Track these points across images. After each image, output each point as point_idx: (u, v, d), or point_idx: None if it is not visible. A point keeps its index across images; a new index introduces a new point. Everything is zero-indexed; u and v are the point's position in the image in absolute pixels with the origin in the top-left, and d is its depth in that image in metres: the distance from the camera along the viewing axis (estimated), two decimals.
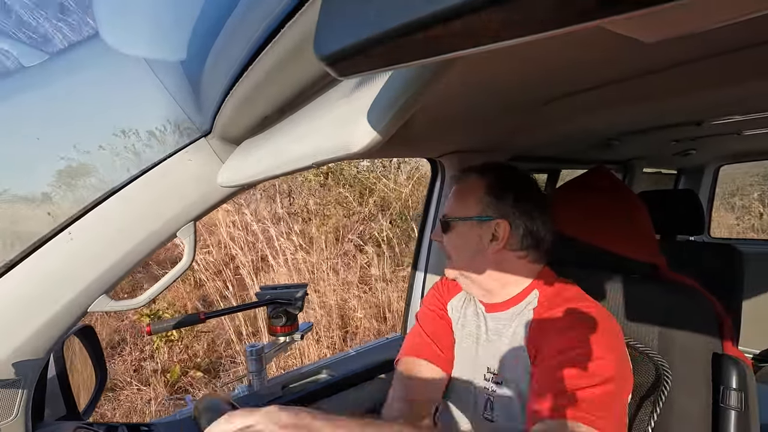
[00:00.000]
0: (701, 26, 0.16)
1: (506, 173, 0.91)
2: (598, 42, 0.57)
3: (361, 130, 0.39)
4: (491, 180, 0.89)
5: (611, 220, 1.05)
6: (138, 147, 0.69)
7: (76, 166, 0.67)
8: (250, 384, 1.26)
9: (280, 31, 0.37)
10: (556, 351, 0.74)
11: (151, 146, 0.70)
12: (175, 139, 0.72)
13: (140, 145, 0.70)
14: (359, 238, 4.78)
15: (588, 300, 0.84)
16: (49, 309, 0.67)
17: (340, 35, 0.23)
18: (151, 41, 0.67)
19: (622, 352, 0.77)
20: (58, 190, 0.67)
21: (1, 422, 0.67)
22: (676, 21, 0.16)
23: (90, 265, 0.69)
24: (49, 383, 0.79)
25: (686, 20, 0.16)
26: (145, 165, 0.70)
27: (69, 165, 0.67)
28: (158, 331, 1.07)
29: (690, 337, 0.86)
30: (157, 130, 0.71)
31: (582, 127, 1.22)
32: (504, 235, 0.85)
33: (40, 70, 0.65)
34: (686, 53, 0.64)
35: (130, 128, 0.69)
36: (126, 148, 0.69)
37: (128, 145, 0.69)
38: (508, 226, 0.85)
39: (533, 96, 0.86)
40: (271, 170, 0.58)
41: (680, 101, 0.96)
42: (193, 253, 0.78)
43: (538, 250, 0.88)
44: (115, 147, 0.68)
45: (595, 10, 0.14)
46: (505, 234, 0.85)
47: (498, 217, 0.85)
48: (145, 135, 0.70)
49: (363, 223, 4.97)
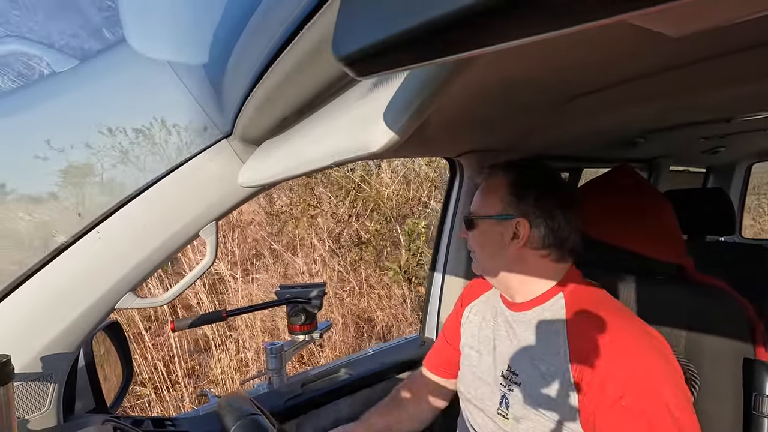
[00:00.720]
0: (729, 19, 0.16)
1: (530, 171, 0.90)
2: (621, 38, 0.55)
3: (379, 131, 0.39)
4: (513, 178, 0.88)
5: (635, 220, 1.02)
6: (163, 149, 0.71)
7: (101, 167, 0.70)
8: (270, 382, 1.28)
9: (299, 33, 0.37)
10: (617, 396, 0.70)
11: (175, 148, 0.72)
12: (198, 140, 0.74)
13: (165, 147, 0.72)
14: (337, 240, 4.63)
15: (626, 311, 0.81)
16: (80, 305, 0.70)
17: (358, 36, 0.23)
18: (175, 46, 0.69)
19: (675, 368, 0.74)
20: (84, 190, 0.69)
21: (35, 414, 0.70)
22: (703, 14, 0.16)
23: (117, 263, 0.71)
24: (79, 378, 0.82)
25: (713, 13, 0.15)
26: (169, 166, 0.73)
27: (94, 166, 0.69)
28: (181, 328, 1.10)
29: (719, 341, 0.83)
30: (181, 131, 0.72)
31: (605, 125, 1.20)
32: (524, 234, 0.84)
33: (70, 75, 0.68)
34: (714, 47, 0.62)
35: (154, 131, 0.71)
36: (151, 150, 0.71)
37: (153, 147, 0.71)
38: (528, 225, 0.84)
39: (554, 94, 0.84)
40: (291, 170, 0.59)
41: (709, 97, 0.92)
42: (215, 252, 0.79)
43: (561, 249, 0.86)
44: (140, 149, 0.70)
45: (621, 4, 0.14)
46: (525, 233, 0.84)
47: (518, 216, 0.85)
48: (169, 137, 0.72)
49: (341, 225, 4.82)
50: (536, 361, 0.82)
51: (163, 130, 0.71)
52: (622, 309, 0.82)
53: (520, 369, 0.85)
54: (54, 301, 0.68)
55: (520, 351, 0.87)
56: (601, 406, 0.71)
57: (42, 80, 0.68)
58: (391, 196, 4.84)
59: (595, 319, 0.78)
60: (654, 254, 0.99)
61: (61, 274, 0.69)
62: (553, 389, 0.78)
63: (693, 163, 2.61)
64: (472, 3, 0.16)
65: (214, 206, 0.76)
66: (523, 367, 0.85)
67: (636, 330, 0.76)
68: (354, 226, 4.82)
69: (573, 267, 0.90)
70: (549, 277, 0.87)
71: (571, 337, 0.79)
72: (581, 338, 0.77)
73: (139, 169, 0.71)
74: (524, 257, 0.86)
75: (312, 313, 1.27)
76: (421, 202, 4.96)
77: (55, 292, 0.68)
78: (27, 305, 0.67)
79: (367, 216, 4.88)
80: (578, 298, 0.84)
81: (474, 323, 1.04)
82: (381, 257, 4.59)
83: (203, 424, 0.96)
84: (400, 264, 4.22)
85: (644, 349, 0.73)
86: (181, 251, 0.77)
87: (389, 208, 4.80)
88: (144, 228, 0.72)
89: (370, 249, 4.58)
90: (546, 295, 0.87)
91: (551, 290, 0.87)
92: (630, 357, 0.72)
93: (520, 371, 0.85)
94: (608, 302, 0.84)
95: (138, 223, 0.71)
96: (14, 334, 0.67)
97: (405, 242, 4.28)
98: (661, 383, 0.70)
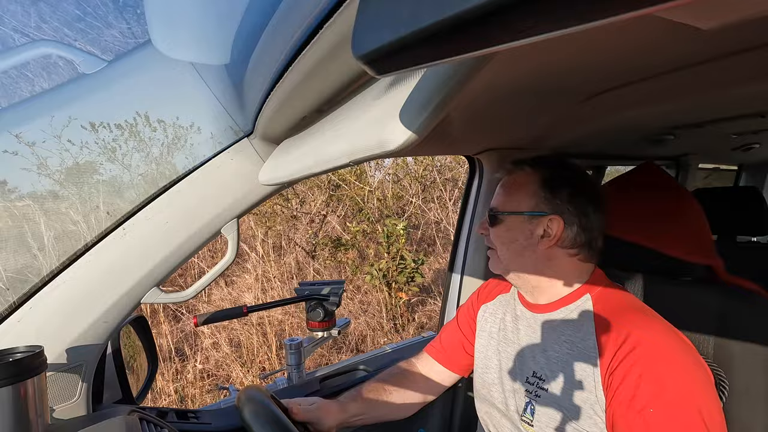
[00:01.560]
0: (762, 10, 0.15)
1: (562, 167, 0.87)
2: (649, 31, 0.54)
3: (398, 129, 0.39)
4: (546, 174, 0.85)
5: (662, 220, 0.99)
6: (186, 147, 0.73)
7: (127, 167, 0.72)
8: (289, 377, 1.30)
9: (318, 32, 0.37)
10: (647, 402, 0.68)
11: (197, 146, 0.74)
12: (219, 139, 0.75)
13: (188, 145, 0.73)
14: (312, 242, 4.38)
15: (654, 314, 0.78)
16: (108, 299, 0.72)
17: (378, 34, 0.23)
18: (198, 47, 0.70)
19: (707, 373, 0.72)
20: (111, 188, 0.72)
21: (66, 403, 0.73)
22: (734, 5, 0.15)
23: (142, 259, 0.73)
24: (107, 369, 0.85)
25: (745, 4, 0.15)
26: (192, 165, 0.74)
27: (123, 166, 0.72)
28: (204, 323, 1.12)
29: (751, 347, 0.80)
30: (203, 130, 0.74)
31: (629, 122, 1.16)
32: (557, 232, 0.81)
33: (99, 75, 0.70)
34: (748, 40, 0.59)
35: (178, 129, 0.73)
36: (176, 149, 0.73)
37: (176, 145, 0.73)
38: (562, 223, 0.81)
39: (576, 90, 0.82)
40: (310, 168, 0.59)
41: (741, 91, 0.89)
42: (236, 248, 0.81)
43: (590, 249, 0.84)
44: (166, 148, 0.72)
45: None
46: (559, 231, 0.81)
47: (552, 213, 0.82)
48: (191, 136, 0.73)
49: (315, 225, 4.58)
50: (563, 365, 0.80)
51: (185, 129, 0.73)
52: (650, 312, 0.79)
53: (547, 374, 0.83)
54: (83, 295, 0.71)
55: (545, 355, 0.84)
56: (629, 412, 0.69)
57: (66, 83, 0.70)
58: (380, 196, 4.60)
59: (624, 321, 0.75)
60: (681, 255, 0.96)
61: (89, 269, 0.71)
62: (581, 396, 0.76)
63: (724, 160, 2.51)
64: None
65: (236, 204, 0.77)
66: (550, 372, 0.82)
67: (666, 333, 0.73)
68: (334, 226, 4.58)
69: (598, 268, 0.88)
70: (576, 277, 0.85)
71: (601, 340, 0.76)
72: (611, 341, 0.75)
73: (162, 168, 0.73)
74: (553, 256, 0.84)
75: (330, 310, 1.28)
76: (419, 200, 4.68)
77: (84, 287, 0.71)
78: (58, 299, 0.70)
79: (354, 216, 4.65)
80: (606, 299, 0.82)
81: (493, 324, 1.00)
82: (365, 260, 4.36)
83: (224, 417, 0.99)
84: (379, 267, 3.95)
85: (677, 352, 0.71)
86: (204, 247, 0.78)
87: (375, 208, 4.55)
88: (167, 225, 0.74)
89: (352, 251, 4.30)
90: (573, 295, 0.84)
91: (578, 291, 0.84)
92: (663, 361, 0.70)
93: (547, 376, 0.82)
94: (636, 304, 0.81)
95: (162, 220, 0.73)
96: (46, 326, 0.69)
97: (384, 245, 3.97)
98: (694, 388, 0.67)
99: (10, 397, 0.56)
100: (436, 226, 5.33)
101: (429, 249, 5.45)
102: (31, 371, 0.58)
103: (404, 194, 4.93)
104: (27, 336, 0.68)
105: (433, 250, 5.37)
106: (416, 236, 5.42)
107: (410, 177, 4.91)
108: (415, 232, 5.37)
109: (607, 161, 1.92)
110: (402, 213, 4.94)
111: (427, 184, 4.96)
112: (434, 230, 5.38)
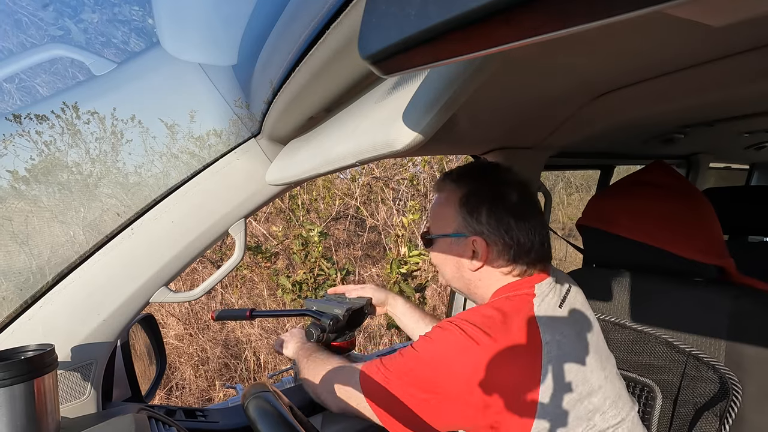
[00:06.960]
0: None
1: (480, 180, 0.81)
2: (659, 29, 0.53)
3: (405, 129, 0.39)
4: (465, 191, 0.80)
5: (672, 219, 0.97)
6: (193, 147, 0.74)
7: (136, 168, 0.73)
8: (295, 377, 1.30)
9: (324, 34, 0.38)
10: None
11: (205, 147, 0.75)
12: (227, 139, 0.76)
13: (195, 146, 0.74)
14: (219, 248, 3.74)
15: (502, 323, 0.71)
16: (117, 298, 0.73)
17: (384, 34, 0.23)
18: (206, 48, 0.71)
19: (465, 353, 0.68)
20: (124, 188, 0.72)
21: (76, 400, 0.74)
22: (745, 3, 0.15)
23: (150, 259, 0.74)
24: (116, 368, 0.86)
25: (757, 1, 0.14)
26: (199, 165, 0.75)
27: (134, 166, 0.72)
28: (221, 319, 1.12)
29: (764, 349, 0.78)
30: (210, 131, 0.74)
31: (639, 121, 1.15)
32: (483, 252, 0.77)
33: (110, 77, 0.71)
34: (759, 37, 0.58)
35: (186, 130, 0.73)
36: (182, 149, 0.73)
37: (185, 146, 0.73)
38: (485, 243, 0.77)
39: (586, 89, 0.81)
40: (317, 168, 0.59)
41: (753, 89, 0.87)
42: (244, 248, 0.81)
43: (527, 257, 0.78)
44: (174, 148, 0.73)
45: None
46: (483, 251, 0.77)
47: (472, 234, 0.78)
48: (200, 136, 0.74)
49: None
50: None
51: (192, 129, 0.74)
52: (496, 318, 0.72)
53: None
54: (93, 294, 0.72)
55: None
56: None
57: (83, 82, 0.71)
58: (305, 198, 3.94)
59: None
60: (692, 255, 0.94)
61: (99, 269, 0.72)
62: None
63: (735, 159, 2.47)
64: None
65: (243, 204, 0.78)
66: None
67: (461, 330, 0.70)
68: (258, 228, 3.98)
69: (541, 270, 0.80)
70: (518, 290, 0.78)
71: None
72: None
73: (168, 169, 0.74)
74: (488, 275, 0.80)
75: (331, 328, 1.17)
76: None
77: (94, 286, 0.72)
78: (68, 298, 0.71)
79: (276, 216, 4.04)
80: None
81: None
82: (291, 269, 3.72)
83: (232, 416, 0.99)
84: (296, 280, 3.36)
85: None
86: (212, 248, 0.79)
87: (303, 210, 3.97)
88: (175, 225, 0.74)
89: (271, 258, 3.65)
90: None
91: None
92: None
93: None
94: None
95: (169, 220, 0.74)
96: (57, 325, 0.70)
97: (300, 253, 3.39)
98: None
99: (22, 395, 0.57)
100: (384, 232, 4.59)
101: (378, 257, 4.73)
102: (43, 369, 0.59)
103: (345, 197, 4.42)
104: (38, 334, 0.69)
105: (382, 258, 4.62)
106: (361, 241, 4.79)
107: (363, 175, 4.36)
108: (358, 237, 4.76)
109: (617, 160, 1.90)
110: (345, 216, 4.55)
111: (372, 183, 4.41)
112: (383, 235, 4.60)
